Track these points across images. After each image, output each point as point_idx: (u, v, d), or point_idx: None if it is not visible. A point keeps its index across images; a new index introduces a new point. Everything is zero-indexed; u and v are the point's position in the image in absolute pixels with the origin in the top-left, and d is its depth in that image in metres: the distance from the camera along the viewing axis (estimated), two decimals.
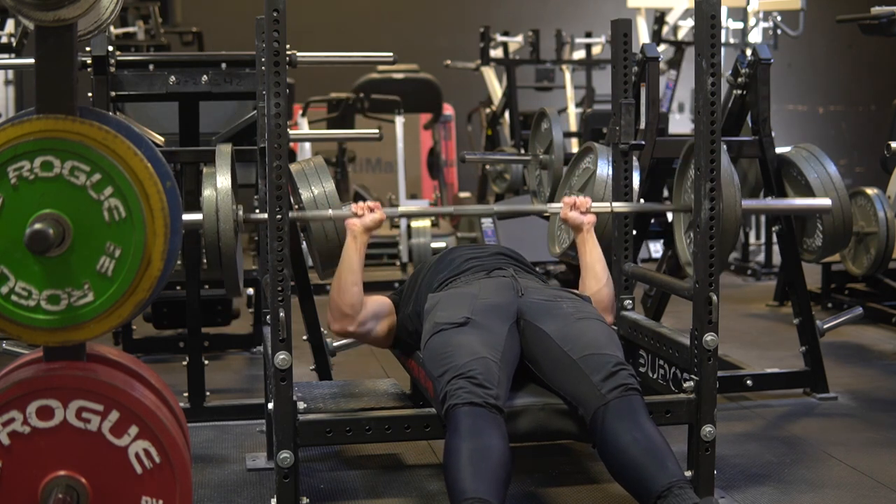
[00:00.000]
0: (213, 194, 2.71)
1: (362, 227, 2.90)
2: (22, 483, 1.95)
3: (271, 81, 2.52)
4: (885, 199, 4.42)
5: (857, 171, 10.47)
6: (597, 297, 3.03)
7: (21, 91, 5.91)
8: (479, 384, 2.48)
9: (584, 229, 3.08)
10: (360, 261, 2.91)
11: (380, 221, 2.92)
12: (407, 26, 9.87)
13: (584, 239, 3.09)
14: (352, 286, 2.90)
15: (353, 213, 2.91)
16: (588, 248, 3.08)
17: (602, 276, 3.07)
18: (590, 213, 3.07)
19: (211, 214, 2.69)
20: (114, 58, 3.55)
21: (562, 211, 3.08)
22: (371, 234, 2.93)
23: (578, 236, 3.10)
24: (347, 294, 2.91)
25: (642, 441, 2.42)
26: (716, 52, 2.66)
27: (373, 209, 2.91)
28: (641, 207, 3.28)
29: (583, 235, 3.09)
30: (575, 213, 3.06)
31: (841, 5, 6.76)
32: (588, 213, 3.07)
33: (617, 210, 3.16)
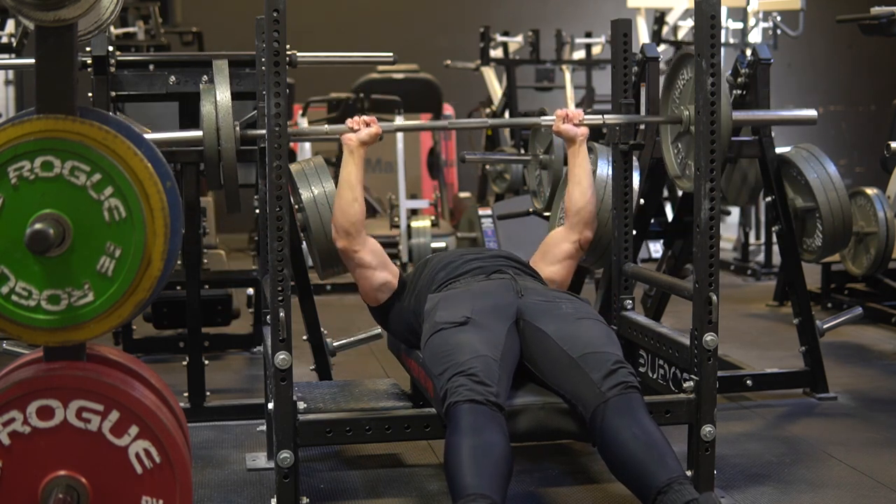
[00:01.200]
0: (212, 110, 2.71)
1: (358, 141, 2.94)
2: (22, 483, 1.95)
3: (271, 81, 2.52)
4: (885, 199, 4.43)
5: (857, 171, 10.47)
6: (583, 212, 3.11)
7: (21, 91, 5.91)
8: (480, 382, 2.48)
9: (577, 142, 3.12)
10: (358, 175, 2.94)
11: (376, 135, 2.95)
12: (407, 26, 9.88)
13: (575, 152, 3.13)
14: (352, 202, 2.93)
15: (349, 128, 2.94)
16: (578, 161, 3.13)
17: (588, 190, 3.12)
18: (583, 124, 3.12)
19: (211, 130, 2.69)
20: (114, 58, 3.55)
21: (554, 124, 3.13)
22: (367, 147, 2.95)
23: (570, 148, 3.15)
24: (349, 210, 2.93)
25: (642, 437, 2.42)
26: (716, 52, 2.66)
27: (369, 123, 2.95)
28: (632, 118, 3.28)
29: (575, 148, 3.13)
30: (568, 126, 3.11)
31: (841, 5, 6.76)
32: (581, 124, 3.11)
33: (609, 121, 3.20)
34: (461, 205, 7.88)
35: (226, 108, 2.70)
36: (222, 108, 2.69)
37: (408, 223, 6.27)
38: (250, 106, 3.94)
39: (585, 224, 3.12)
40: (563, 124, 3.11)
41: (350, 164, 2.94)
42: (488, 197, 7.36)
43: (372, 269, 3.01)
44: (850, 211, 3.86)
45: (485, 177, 7.32)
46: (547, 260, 3.14)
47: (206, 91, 2.73)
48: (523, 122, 3.24)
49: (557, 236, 3.18)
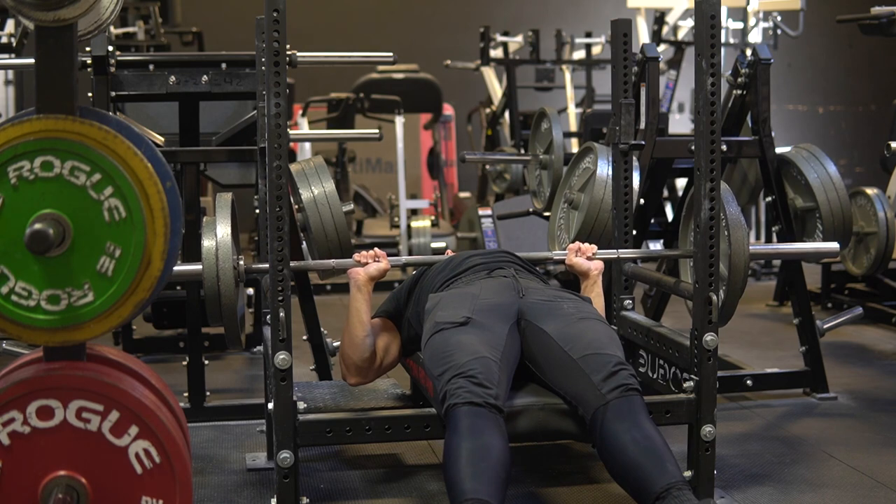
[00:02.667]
0: (212, 245, 2.69)
1: (367, 278, 2.84)
2: (22, 483, 1.95)
3: (271, 81, 2.52)
4: (885, 199, 4.43)
5: (857, 171, 10.47)
6: None
7: (21, 91, 5.91)
8: (479, 384, 2.48)
9: (591, 277, 3.03)
10: (368, 311, 2.86)
11: (384, 270, 2.86)
12: (407, 26, 9.88)
13: (589, 287, 3.03)
14: (364, 339, 2.87)
15: (356, 262, 2.86)
16: (593, 297, 3.00)
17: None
18: (595, 258, 3.03)
19: (211, 268, 2.67)
20: (114, 58, 3.55)
21: (567, 258, 3.05)
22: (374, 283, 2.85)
23: (584, 283, 3.05)
24: (360, 348, 2.87)
25: (642, 441, 2.42)
26: (716, 52, 2.66)
27: (378, 258, 2.87)
28: (648, 253, 3.28)
29: (589, 283, 3.04)
30: (580, 259, 3.03)
31: (841, 5, 6.76)
32: (594, 258, 3.03)
33: (623, 256, 3.12)
34: (461, 205, 7.89)
35: (226, 246, 2.68)
36: (222, 246, 2.68)
37: (408, 223, 6.27)
38: (250, 106, 3.95)
39: None
40: (575, 258, 3.03)
41: (358, 299, 2.84)
42: (488, 197, 7.36)
43: (387, 362, 2.99)
44: (850, 211, 3.86)
45: (485, 177, 7.32)
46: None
47: (207, 225, 2.72)
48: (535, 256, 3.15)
49: None
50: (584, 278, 3.05)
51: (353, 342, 2.87)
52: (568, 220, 3.57)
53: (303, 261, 2.98)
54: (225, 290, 2.67)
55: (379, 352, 2.95)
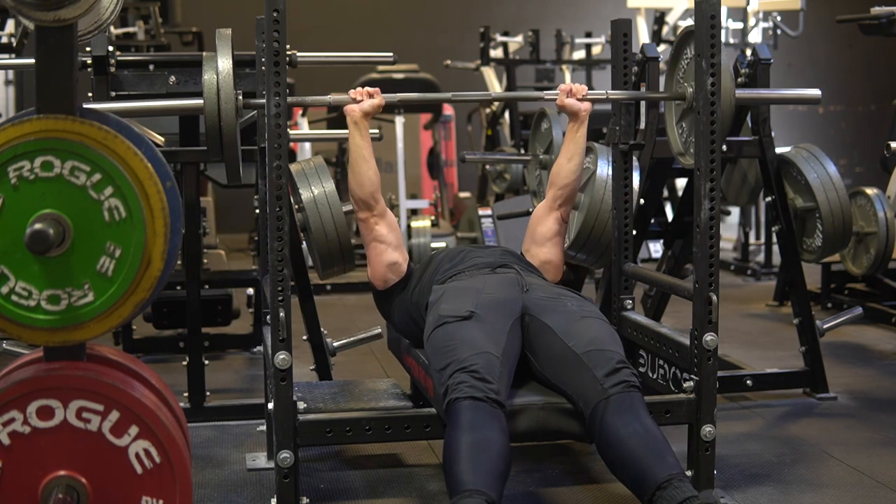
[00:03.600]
0: (213, 77, 2.70)
1: (361, 113, 2.93)
2: (22, 483, 1.95)
3: (271, 81, 2.52)
4: (885, 199, 4.43)
5: (857, 171, 10.47)
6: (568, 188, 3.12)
7: (21, 91, 5.91)
8: (481, 378, 2.49)
9: (580, 117, 3.10)
10: (368, 146, 2.96)
11: (378, 107, 2.95)
12: (407, 26, 9.88)
13: (576, 127, 3.11)
14: (368, 172, 2.97)
15: (351, 99, 2.94)
16: (577, 137, 3.11)
17: (578, 168, 3.13)
18: (586, 100, 3.09)
19: (212, 98, 2.67)
20: (114, 58, 3.55)
21: (558, 98, 3.10)
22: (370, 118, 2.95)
23: (572, 123, 3.12)
24: (367, 181, 2.97)
25: (642, 434, 2.42)
26: (716, 52, 2.66)
27: (372, 94, 2.94)
28: (636, 95, 3.27)
29: (577, 123, 3.11)
30: (572, 100, 3.08)
31: (841, 5, 6.76)
32: (584, 100, 3.09)
33: (612, 97, 3.17)
34: (461, 205, 7.89)
35: (227, 76, 2.69)
36: (223, 76, 2.69)
37: (408, 223, 6.27)
38: None
39: (567, 199, 3.13)
40: (566, 98, 3.09)
41: (356, 136, 2.95)
42: (488, 197, 7.36)
43: (386, 245, 3.04)
44: (850, 211, 3.86)
45: (485, 177, 7.32)
46: (537, 241, 3.15)
47: (207, 59, 2.73)
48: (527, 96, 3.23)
49: (540, 212, 3.19)
50: (573, 119, 3.12)
51: (359, 178, 2.98)
52: (568, 219, 3.57)
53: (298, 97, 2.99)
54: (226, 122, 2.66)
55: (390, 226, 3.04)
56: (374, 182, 2.98)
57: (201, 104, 2.69)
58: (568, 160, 3.12)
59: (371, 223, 3.02)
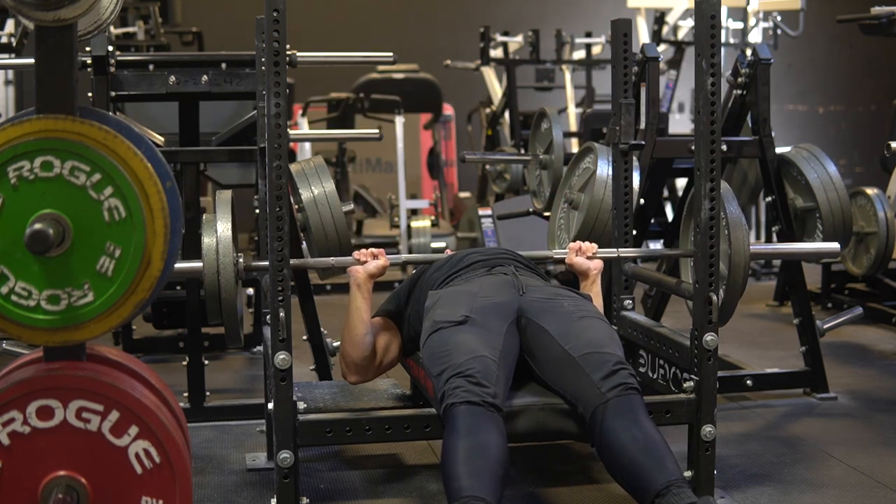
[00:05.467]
0: (213, 242, 2.69)
1: (366, 275, 2.84)
2: (22, 483, 1.95)
3: (271, 81, 2.52)
4: (885, 199, 4.43)
5: (857, 171, 10.47)
6: None
7: (21, 91, 5.91)
8: (477, 383, 2.48)
9: (590, 276, 3.03)
10: (368, 309, 2.87)
11: (383, 268, 2.86)
12: (407, 26, 9.88)
13: (588, 287, 3.02)
14: (364, 337, 2.87)
15: (355, 260, 2.86)
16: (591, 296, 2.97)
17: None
18: (596, 257, 3.03)
19: (211, 264, 2.67)
20: (114, 58, 3.55)
21: (567, 257, 3.04)
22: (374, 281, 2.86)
23: (583, 283, 3.04)
24: (361, 347, 2.88)
25: (641, 440, 2.42)
26: (716, 52, 2.66)
27: (376, 255, 2.87)
28: (648, 253, 3.27)
29: (588, 283, 3.03)
30: (581, 259, 3.02)
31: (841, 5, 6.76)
32: (594, 258, 3.03)
33: (623, 255, 3.12)
34: (461, 205, 7.89)
35: (226, 241, 2.68)
36: (223, 240, 2.68)
37: (408, 223, 6.27)
38: (250, 106, 3.95)
39: None
40: (575, 257, 3.02)
41: (358, 298, 2.84)
42: (488, 197, 7.36)
43: (388, 361, 3.00)
44: (850, 211, 3.86)
45: (485, 177, 7.32)
46: None
47: (207, 222, 2.72)
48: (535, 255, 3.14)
49: None
50: (583, 278, 3.04)
51: (354, 341, 2.87)
52: (568, 220, 3.57)
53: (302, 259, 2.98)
54: (225, 288, 2.67)
55: (379, 350, 2.95)
56: (368, 346, 2.88)
57: (200, 267, 2.68)
58: None
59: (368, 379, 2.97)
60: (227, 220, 2.72)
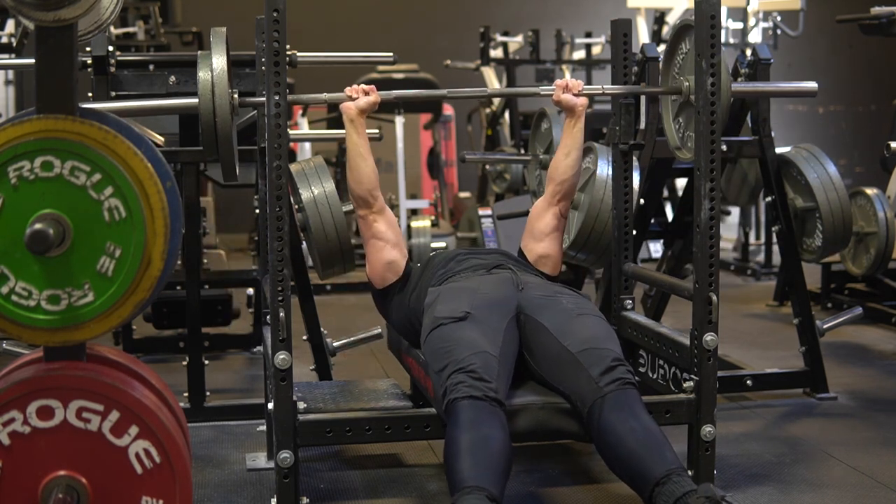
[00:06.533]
0: (208, 75, 2.69)
1: (357, 110, 2.95)
2: (22, 483, 1.95)
3: (271, 81, 2.52)
4: (885, 199, 4.43)
5: (857, 171, 10.47)
6: (567, 183, 3.08)
7: (21, 91, 5.91)
8: (479, 378, 2.49)
9: (576, 112, 3.08)
10: (365, 143, 2.97)
11: (374, 104, 2.96)
12: (407, 26, 9.88)
13: (573, 122, 3.09)
14: (365, 168, 2.97)
15: (347, 97, 2.95)
16: (574, 132, 3.08)
17: (576, 163, 3.09)
18: (582, 94, 3.08)
19: (207, 96, 2.67)
20: (114, 58, 3.55)
21: (554, 94, 3.08)
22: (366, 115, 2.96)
23: (569, 118, 3.10)
24: (365, 178, 2.97)
25: (639, 431, 2.42)
26: (716, 52, 2.66)
27: (367, 92, 2.96)
28: (632, 89, 3.26)
29: (574, 118, 3.09)
30: (568, 95, 3.07)
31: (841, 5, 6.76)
32: (581, 94, 3.08)
33: (609, 92, 3.17)
34: (461, 205, 7.89)
35: (222, 74, 2.68)
36: (218, 74, 2.68)
37: (408, 223, 6.27)
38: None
39: (566, 194, 3.10)
40: (563, 94, 3.07)
41: (353, 133, 2.95)
42: (488, 197, 7.36)
43: (384, 243, 3.03)
44: (850, 211, 3.86)
45: (485, 177, 7.32)
46: (535, 236, 3.12)
47: (202, 57, 2.73)
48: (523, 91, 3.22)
49: (539, 208, 3.16)
50: (570, 114, 3.10)
51: (358, 175, 2.97)
52: (568, 219, 3.57)
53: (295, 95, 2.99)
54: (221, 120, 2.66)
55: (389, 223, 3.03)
56: (371, 179, 2.97)
57: (196, 103, 2.69)
58: (566, 155, 3.10)
59: (370, 220, 3.01)
60: (222, 55, 2.72)
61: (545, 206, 3.14)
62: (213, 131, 2.67)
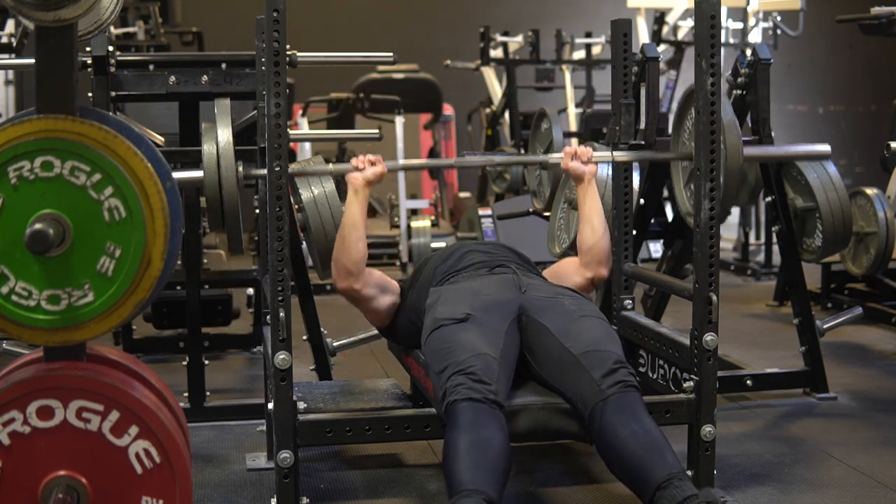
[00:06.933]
0: (213, 149, 2.68)
1: (363, 181, 2.88)
2: (22, 483, 1.95)
3: (271, 81, 2.52)
4: (885, 199, 4.42)
5: (857, 171, 10.46)
6: (594, 250, 3.02)
7: (21, 91, 5.91)
8: (479, 380, 2.49)
9: (585, 179, 3.05)
10: (362, 216, 2.90)
11: (381, 175, 2.90)
12: (407, 26, 9.87)
13: (584, 190, 3.06)
14: (356, 242, 2.88)
15: (353, 167, 2.90)
16: (587, 200, 3.05)
17: (599, 228, 3.03)
18: (591, 162, 3.05)
19: (212, 169, 2.65)
20: (114, 58, 3.54)
21: (563, 161, 3.06)
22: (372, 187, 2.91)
23: (579, 187, 3.07)
24: (353, 251, 2.88)
25: (641, 434, 2.42)
26: (716, 52, 2.66)
27: (374, 162, 2.90)
28: (642, 156, 3.25)
29: (584, 186, 3.06)
30: (576, 163, 3.04)
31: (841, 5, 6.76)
32: (589, 162, 3.05)
33: (618, 159, 3.14)
34: (461, 205, 7.89)
35: (227, 148, 2.67)
36: (224, 148, 2.67)
37: (408, 223, 6.27)
38: (250, 106, 3.94)
39: (599, 262, 3.03)
40: (571, 162, 3.04)
41: (354, 204, 2.87)
42: (488, 197, 7.36)
43: (377, 300, 3.00)
44: (850, 211, 3.86)
45: (485, 177, 7.32)
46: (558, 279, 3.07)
47: (207, 130, 2.71)
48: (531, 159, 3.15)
49: (570, 267, 3.10)
50: (578, 182, 3.07)
51: (346, 245, 2.87)
52: (568, 220, 3.57)
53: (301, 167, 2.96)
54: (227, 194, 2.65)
55: (374, 280, 2.96)
56: (361, 251, 2.89)
57: (201, 176, 2.67)
58: (586, 223, 3.03)
59: (353, 292, 2.93)
60: (226, 127, 2.71)
61: (576, 270, 3.08)
62: (219, 206, 2.66)
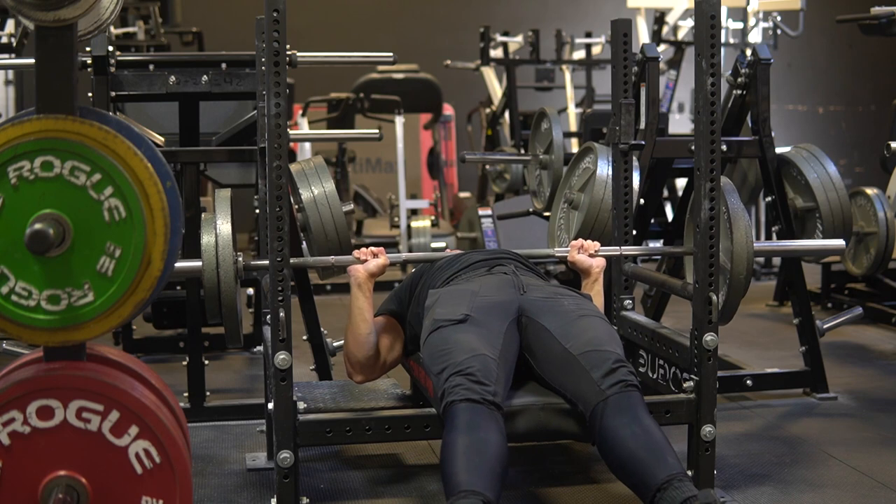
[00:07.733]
0: (212, 240, 2.69)
1: (367, 274, 2.85)
2: (22, 483, 1.95)
3: (271, 81, 2.52)
4: (885, 199, 4.43)
5: (857, 171, 10.47)
6: None
7: (21, 91, 5.91)
8: (477, 381, 2.48)
9: (592, 274, 3.02)
10: (370, 308, 2.86)
11: (383, 267, 2.87)
12: (407, 26, 9.88)
13: (589, 285, 3.02)
14: (367, 337, 2.87)
15: (356, 259, 2.87)
16: (593, 294, 2.99)
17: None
18: (598, 255, 3.02)
19: (211, 263, 2.66)
20: (114, 58, 3.55)
21: (569, 255, 3.03)
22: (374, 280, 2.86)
23: (585, 281, 3.03)
24: (365, 346, 2.88)
25: (641, 435, 2.42)
26: (716, 52, 2.66)
27: (377, 254, 2.87)
28: (651, 250, 3.26)
29: (589, 281, 3.02)
30: (583, 256, 3.01)
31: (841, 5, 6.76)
32: (596, 255, 3.02)
33: (626, 253, 3.11)
34: (461, 205, 7.89)
35: (226, 239, 2.67)
36: (223, 240, 2.67)
37: (408, 223, 6.28)
38: (250, 106, 3.95)
39: None
40: (577, 255, 3.02)
41: (360, 297, 2.84)
42: (488, 197, 7.36)
43: (392, 359, 3.00)
44: (850, 211, 3.86)
45: (485, 177, 7.32)
46: None
47: (206, 221, 2.72)
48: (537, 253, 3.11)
49: None
50: (585, 276, 3.04)
51: (358, 340, 2.88)
52: (568, 220, 3.58)
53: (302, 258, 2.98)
54: (225, 287, 2.66)
55: (383, 350, 2.96)
56: (373, 345, 2.89)
57: (200, 267, 2.67)
58: None
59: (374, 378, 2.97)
60: (226, 218, 2.72)
61: None
62: (216, 298, 2.66)
